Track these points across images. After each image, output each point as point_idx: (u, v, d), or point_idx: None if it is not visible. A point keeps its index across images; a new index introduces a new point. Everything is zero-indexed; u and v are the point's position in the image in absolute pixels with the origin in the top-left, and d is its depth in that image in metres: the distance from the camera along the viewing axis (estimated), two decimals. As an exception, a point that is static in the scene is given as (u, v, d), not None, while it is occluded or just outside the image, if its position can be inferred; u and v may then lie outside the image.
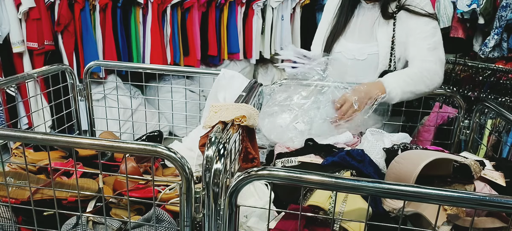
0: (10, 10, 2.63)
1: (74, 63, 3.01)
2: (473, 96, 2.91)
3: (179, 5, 3.50)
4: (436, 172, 0.99)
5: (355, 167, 1.04)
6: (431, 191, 0.67)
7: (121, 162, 1.27)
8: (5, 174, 1.08)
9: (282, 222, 0.88)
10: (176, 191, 1.06)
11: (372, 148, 1.18)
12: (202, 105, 1.87)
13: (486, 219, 0.89)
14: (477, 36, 2.92)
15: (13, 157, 1.25)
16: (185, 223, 0.84)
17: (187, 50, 3.67)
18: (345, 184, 0.70)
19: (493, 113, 1.37)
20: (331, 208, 0.87)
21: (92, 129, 1.78)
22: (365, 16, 1.55)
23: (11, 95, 2.42)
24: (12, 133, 0.90)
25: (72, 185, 1.06)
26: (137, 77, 2.52)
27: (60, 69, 1.58)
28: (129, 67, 1.79)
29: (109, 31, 3.11)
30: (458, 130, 1.47)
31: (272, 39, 4.39)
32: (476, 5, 2.72)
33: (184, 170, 0.80)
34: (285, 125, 1.30)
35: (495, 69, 2.98)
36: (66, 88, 1.62)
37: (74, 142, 0.86)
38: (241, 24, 4.07)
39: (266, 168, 0.74)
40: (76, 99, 1.67)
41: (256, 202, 0.98)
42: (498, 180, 1.00)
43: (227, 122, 0.94)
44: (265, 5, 4.19)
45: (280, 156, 1.18)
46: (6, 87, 1.45)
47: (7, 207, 1.00)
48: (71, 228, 0.95)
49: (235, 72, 1.54)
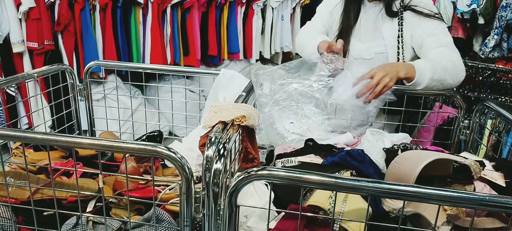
0: (10, 10, 2.62)
1: (74, 63, 3.01)
2: (473, 96, 2.91)
3: (179, 5, 3.50)
4: (436, 172, 0.99)
5: (355, 167, 1.04)
6: (431, 191, 0.67)
7: (121, 162, 1.27)
8: (5, 174, 1.08)
9: (282, 222, 0.88)
10: (176, 191, 1.06)
11: (372, 148, 1.18)
12: (202, 105, 1.87)
13: (486, 219, 0.89)
14: (477, 36, 2.93)
15: (13, 157, 1.25)
16: (185, 223, 0.84)
17: (187, 50, 3.68)
18: (345, 184, 0.70)
19: (493, 114, 1.37)
20: (331, 208, 0.87)
21: (92, 129, 1.78)
22: (367, 14, 1.56)
23: (11, 95, 2.41)
24: (12, 133, 0.90)
25: (72, 185, 1.06)
26: (137, 77, 2.52)
27: (60, 69, 1.58)
28: (129, 67, 1.79)
29: (109, 31, 3.11)
30: (458, 130, 1.46)
31: (272, 39, 4.39)
32: (476, 5, 2.73)
33: (184, 170, 0.80)
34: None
35: (495, 69, 2.98)
36: (66, 88, 1.62)
37: (74, 142, 0.86)
38: (241, 24, 4.07)
39: (266, 168, 0.74)
40: (76, 99, 1.67)
41: (256, 202, 0.98)
42: (498, 181, 1.00)
43: (227, 122, 0.94)
44: (265, 5, 4.19)
45: (280, 156, 1.18)
46: (6, 87, 1.46)
47: (7, 207, 1.00)
48: (71, 228, 0.95)
49: (235, 72, 1.54)
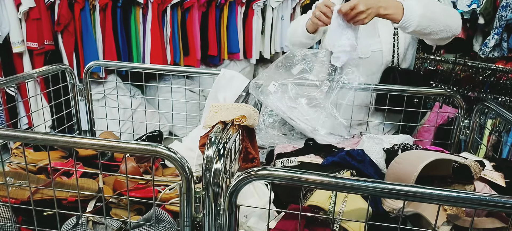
0: (10, 10, 2.63)
1: (74, 63, 3.01)
2: (473, 96, 2.92)
3: (179, 5, 3.50)
4: (436, 172, 0.99)
5: (355, 167, 1.04)
6: (431, 191, 0.67)
7: (121, 162, 1.27)
8: (5, 174, 1.08)
9: (282, 222, 0.88)
10: (176, 191, 1.06)
11: (372, 148, 1.18)
12: (202, 105, 1.87)
13: (486, 219, 0.89)
14: (477, 36, 2.93)
15: (13, 157, 1.25)
16: (185, 223, 0.84)
17: (187, 50, 3.68)
18: (345, 184, 0.70)
19: (493, 113, 1.37)
20: (331, 208, 0.87)
21: (92, 129, 1.78)
22: None
23: (11, 95, 2.42)
24: (12, 133, 0.90)
25: (72, 185, 1.06)
26: (137, 77, 2.52)
27: (60, 69, 1.58)
28: (129, 67, 1.79)
29: (109, 31, 3.11)
30: (458, 130, 1.46)
31: (272, 39, 4.39)
32: (476, 5, 2.73)
33: (184, 170, 0.80)
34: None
35: (495, 69, 2.98)
36: (66, 88, 1.62)
37: (74, 142, 0.86)
38: (241, 24, 4.07)
39: (266, 168, 0.74)
40: (76, 99, 1.67)
41: (256, 202, 0.98)
42: (498, 181, 1.00)
43: (227, 121, 0.94)
44: (265, 5, 4.19)
45: (280, 156, 1.18)
46: (6, 87, 1.45)
47: (7, 207, 1.00)
48: (71, 228, 0.95)
49: (235, 72, 1.54)
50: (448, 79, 3.22)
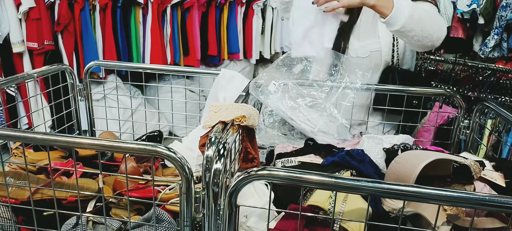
0: (10, 10, 2.63)
1: (74, 63, 3.01)
2: (473, 96, 2.92)
3: (179, 5, 3.50)
4: (436, 172, 0.99)
5: (355, 167, 1.04)
6: (431, 191, 0.67)
7: (121, 162, 1.27)
8: (5, 174, 1.08)
9: (282, 222, 0.88)
10: (176, 191, 1.06)
11: (372, 148, 1.18)
12: (202, 105, 1.87)
13: (486, 219, 0.89)
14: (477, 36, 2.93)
15: (13, 157, 1.25)
16: (185, 223, 0.84)
17: (187, 50, 3.68)
18: (345, 184, 0.70)
19: (493, 113, 1.37)
20: (331, 208, 0.87)
21: (92, 129, 1.78)
22: (367, 12, 1.55)
23: (11, 95, 2.41)
24: (12, 133, 0.90)
25: (72, 185, 1.06)
26: (137, 77, 2.52)
27: (60, 69, 1.58)
28: (129, 67, 1.79)
29: (109, 31, 3.11)
30: (458, 130, 1.46)
31: (272, 39, 4.39)
32: (476, 5, 2.72)
33: (184, 170, 0.80)
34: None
35: (495, 69, 2.99)
36: (66, 88, 1.62)
37: (74, 142, 0.86)
38: (241, 24, 4.07)
39: (266, 168, 0.74)
40: (76, 99, 1.67)
41: (256, 202, 0.98)
42: (498, 181, 1.00)
43: (227, 122, 0.94)
44: (265, 5, 4.19)
45: (280, 156, 1.18)
46: (6, 87, 1.45)
47: (7, 207, 1.00)
48: (71, 228, 0.95)
49: (235, 72, 1.54)
50: (448, 79, 3.23)
